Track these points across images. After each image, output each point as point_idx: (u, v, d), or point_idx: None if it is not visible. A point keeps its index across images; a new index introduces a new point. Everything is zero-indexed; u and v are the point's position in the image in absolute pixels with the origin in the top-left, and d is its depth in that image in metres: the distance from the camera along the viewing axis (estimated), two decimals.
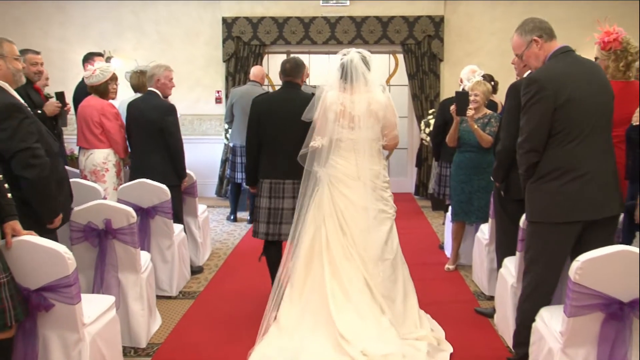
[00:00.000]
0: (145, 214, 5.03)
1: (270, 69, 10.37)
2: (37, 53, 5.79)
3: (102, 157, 5.51)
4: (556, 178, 3.36)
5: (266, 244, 4.80)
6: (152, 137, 5.39)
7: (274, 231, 4.66)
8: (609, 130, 3.44)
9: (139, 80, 6.24)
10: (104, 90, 5.57)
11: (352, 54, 4.26)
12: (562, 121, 3.32)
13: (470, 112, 5.31)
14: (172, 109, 5.48)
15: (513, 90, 3.99)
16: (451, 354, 4.09)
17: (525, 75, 4.06)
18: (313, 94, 4.43)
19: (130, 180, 5.26)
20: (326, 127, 4.25)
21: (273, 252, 4.76)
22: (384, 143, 4.33)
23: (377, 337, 3.93)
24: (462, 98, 5.38)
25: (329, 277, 4.11)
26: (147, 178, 5.13)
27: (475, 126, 5.36)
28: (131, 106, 5.57)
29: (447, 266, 5.93)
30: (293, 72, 4.78)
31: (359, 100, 4.21)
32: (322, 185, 4.28)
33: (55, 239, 3.49)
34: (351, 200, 4.22)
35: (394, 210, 4.39)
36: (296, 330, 4.05)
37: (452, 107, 5.49)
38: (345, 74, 4.23)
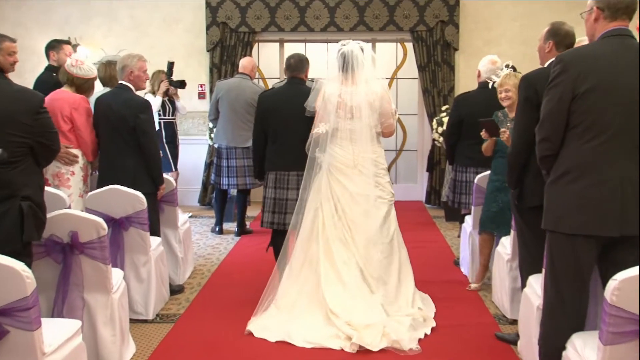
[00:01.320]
0: (117, 225, 5.00)
1: (260, 60, 10.37)
2: (13, 41, 5.74)
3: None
4: (573, 181, 3.33)
5: (273, 234, 5.67)
6: (122, 137, 5.38)
7: (279, 220, 5.49)
8: None
9: (107, 72, 6.21)
10: (86, 87, 5.57)
11: (352, 44, 5.00)
12: (581, 113, 3.30)
13: (504, 136, 5.24)
14: (146, 105, 5.47)
15: (524, 82, 4.01)
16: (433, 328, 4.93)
17: (547, 64, 4.12)
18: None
19: (98, 187, 5.21)
20: (324, 117, 5.08)
21: (280, 243, 5.37)
22: (379, 130, 5.13)
23: (363, 312, 4.75)
24: (490, 126, 5.41)
25: (323, 258, 4.96)
26: (117, 184, 5.10)
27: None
28: (99, 102, 5.53)
29: (471, 285, 5.89)
30: (297, 67, 5.57)
31: (356, 92, 5.02)
32: (321, 172, 5.12)
33: (29, 254, 3.47)
34: (347, 187, 5.05)
35: (391, 196, 5.20)
36: (294, 308, 4.92)
37: (483, 134, 5.53)
38: (346, 64, 5.03)
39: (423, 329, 4.88)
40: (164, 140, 8.53)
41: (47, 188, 4.79)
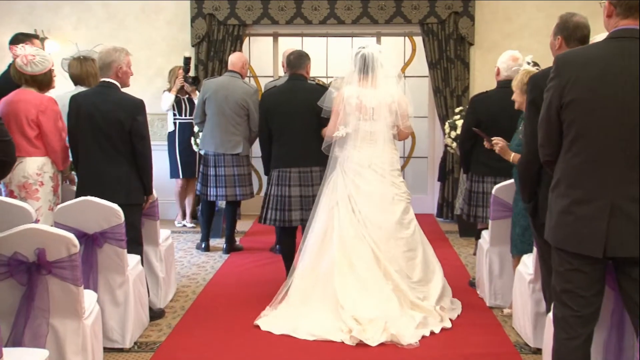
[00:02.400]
0: (90, 241, 4.98)
1: (252, 56, 10.37)
2: None
3: (36, 167, 5.45)
4: (563, 194, 3.41)
5: (280, 232, 6.57)
6: (114, 142, 5.36)
7: (283, 217, 6.21)
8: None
9: (81, 69, 6.19)
10: (47, 81, 5.54)
11: (372, 46, 5.82)
12: (568, 124, 3.36)
13: (497, 147, 5.43)
14: (142, 106, 5.47)
15: (530, 83, 4.05)
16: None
17: None
18: (319, 84, 6.21)
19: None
20: (341, 118, 5.76)
21: (287, 242, 6.39)
22: (395, 132, 5.83)
23: (373, 306, 5.34)
24: (483, 135, 5.68)
25: (338, 254, 5.58)
26: (106, 195, 5.11)
27: (512, 155, 5.41)
28: (78, 102, 5.46)
29: (504, 310, 5.86)
30: (297, 64, 6.29)
31: (374, 94, 5.73)
32: (336, 172, 5.83)
33: None
34: (364, 188, 5.71)
35: (408, 194, 5.88)
36: (305, 303, 5.55)
37: (485, 143, 5.67)
38: (366, 67, 5.73)
39: (433, 327, 5.41)
40: (177, 143, 8.59)
41: (11, 200, 4.80)
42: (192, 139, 8.64)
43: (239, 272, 7.20)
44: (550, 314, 4.28)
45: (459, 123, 7.93)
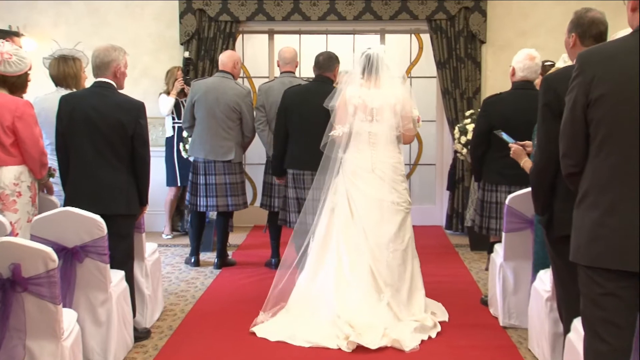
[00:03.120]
0: (70, 256, 4.97)
1: (245, 55, 10.38)
2: None
3: (13, 177, 5.42)
4: (592, 205, 3.33)
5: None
6: (113, 147, 5.37)
7: (303, 220, 6.40)
8: None
9: (58, 69, 6.19)
10: (21, 84, 5.53)
11: (377, 47, 6.11)
12: (597, 124, 3.31)
13: (511, 150, 5.52)
14: (144, 109, 5.50)
15: (543, 84, 4.03)
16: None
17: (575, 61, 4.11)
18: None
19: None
20: (343, 118, 6.05)
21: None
22: (399, 134, 6.08)
23: (368, 314, 5.65)
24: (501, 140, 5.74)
25: (335, 261, 5.90)
26: (105, 205, 5.17)
27: (523, 161, 5.45)
28: (72, 103, 5.42)
29: None
30: (326, 65, 6.90)
31: (378, 95, 6.01)
32: (338, 174, 6.10)
33: None
34: (364, 192, 5.98)
35: (408, 203, 6.10)
36: (305, 310, 5.86)
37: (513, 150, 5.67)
38: (371, 67, 6.02)
39: (429, 332, 5.76)
40: (176, 149, 8.60)
41: None
42: (182, 144, 8.64)
43: (232, 289, 7.19)
44: (571, 335, 4.27)
45: (470, 128, 7.93)
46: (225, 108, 7.62)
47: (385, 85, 6.04)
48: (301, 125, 6.79)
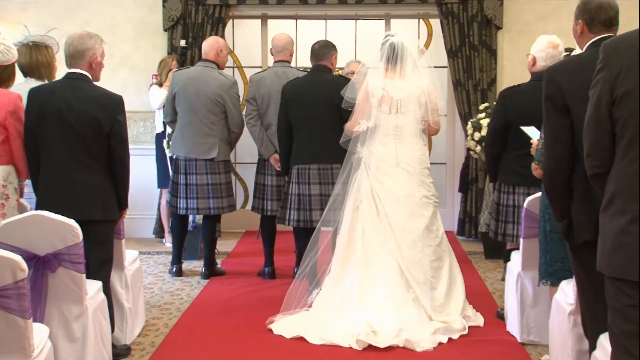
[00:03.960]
0: (41, 265, 4.94)
1: (236, 42, 10.37)
2: None
3: (1, 178, 5.40)
4: (619, 211, 3.33)
5: (297, 234, 7.36)
6: (87, 145, 5.35)
7: (305, 217, 7.04)
8: None
9: (30, 57, 6.18)
10: (9, 75, 5.56)
11: (402, 34, 6.40)
12: (622, 123, 3.30)
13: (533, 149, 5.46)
14: (123, 103, 5.47)
15: (545, 76, 4.06)
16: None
17: (584, 48, 4.17)
18: (342, 77, 7.19)
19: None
20: (365, 111, 6.35)
21: (305, 244, 6.77)
22: (424, 127, 6.40)
23: (393, 311, 5.93)
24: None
25: (360, 261, 6.19)
26: (80, 210, 5.18)
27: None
28: (42, 97, 5.38)
29: (545, 357, 5.85)
30: (322, 54, 7.12)
31: (402, 85, 6.30)
32: (360, 169, 6.40)
33: None
34: (390, 188, 6.27)
35: (437, 197, 6.46)
36: (325, 312, 6.17)
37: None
38: (395, 56, 6.31)
39: (452, 334, 6.00)
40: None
41: None
42: (165, 141, 8.63)
43: (221, 301, 7.18)
44: (596, 353, 4.26)
45: (485, 123, 7.92)
46: (206, 101, 7.61)
47: (409, 75, 6.33)
48: (302, 118, 7.04)
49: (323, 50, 7.19)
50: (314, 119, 6.98)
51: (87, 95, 5.35)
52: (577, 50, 5.79)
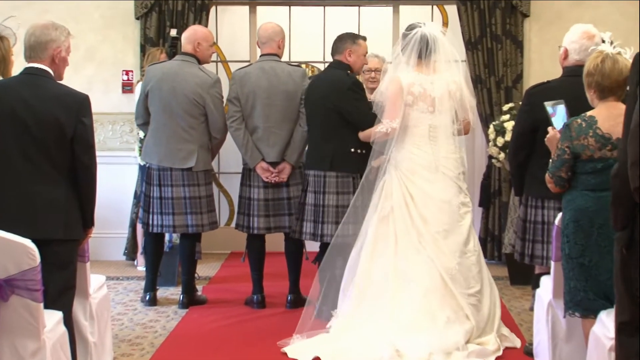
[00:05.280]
0: None
1: (221, 33, 10.39)
2: None
3: None
4: None
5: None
6: (49, 151, 5.30)
7: (316, 231, 7.35)
8: None
9: None
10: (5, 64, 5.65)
11: (430, 25, 6.73)
12: None
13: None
14: (89, 104, 5.41)
15: (637, 62, 4.03)
16: None
17: None
18: (348, 77, 7.22)
19: None
20: (398, 111, 6.53)
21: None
22: (460, 127, 6.67)
23: (424, 332, 6.15)
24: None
25: (393, 273, 6.40)
26: (36, 227, 5.14)
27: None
28: None
29: None
30: (336, 48, 7.38)
31: (437, 81, 6.57)
32: (388, 174, 6.63)
33: None
34: (430, 194, 6.50)
35: (470, 203, 6.73)
36: (347, 334, 6.37)
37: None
38: (429, 49, 6.54)
39: (487, 357, 6.23)
40: None
41: None
42: (137, 147, 8.62)
43: (202, 335, 7.16)
44: None
45: (509, 126, 7.92)
46: (184, 101, 7.56)
47: (442, 69, 6.62)
48: (315, 120, 7.37)
49: (336, 43, 7.43)
50: (322, 118, 7.28)
51: (48, 94, 5.30)
52: (606, 44, 5.81)
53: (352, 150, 7.11)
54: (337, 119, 7.12)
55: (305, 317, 6.71)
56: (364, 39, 7.50)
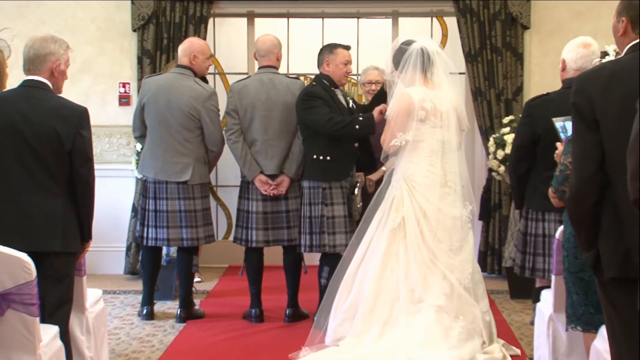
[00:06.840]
0: None
1: (218, 44, 10.38)
2: None
3: None
4: None
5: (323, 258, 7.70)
6: (47, 164, 5.30)
7: (333, 242, 7.45)
8: None
9: None
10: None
11: (424, 39, 6.87)
12: None
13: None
14: (88, 117, 5.42)
15: (573, 85, 4.03)
16: None
17: (623, 52, 4.13)
18: (306, 91, 7.40)
19: None
20: (409, 125, 6.61)
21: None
22: (461, 140, 6.87)
23: (436, 348, 6.22)
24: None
25: (404, 295, 6.46)
26: (33, 240, 5.15)
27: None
28: None
29: None
30: (317, 60, 7.65)
31: (443, 96, 6.68)
32: (397, 188, 6.69)
33: None
34: (442, 210, 6.60)
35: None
36: (357, 346, 6.45)
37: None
38: (432, 64, 6.67)
39: None
40: None
41: None
42: (134, 160, 8.61)
43: (200, 349, 7.13)
44: None
45: (509, 138, 7.92)
46: (179, 114, 7.54)
47: (443, 84, 6.75)
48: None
49: (318, 56, 7.67)
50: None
51: (46, 106, 5.30)
52: (611, 56, 5.83)
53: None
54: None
55: (315, 330, 6.76)
56: (347, 47, 7.63)
